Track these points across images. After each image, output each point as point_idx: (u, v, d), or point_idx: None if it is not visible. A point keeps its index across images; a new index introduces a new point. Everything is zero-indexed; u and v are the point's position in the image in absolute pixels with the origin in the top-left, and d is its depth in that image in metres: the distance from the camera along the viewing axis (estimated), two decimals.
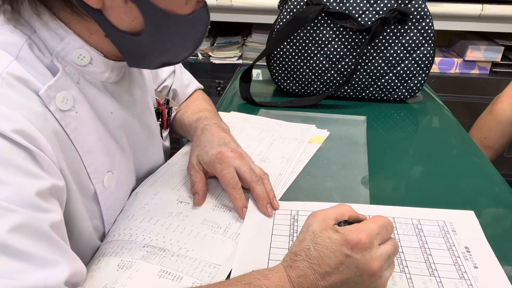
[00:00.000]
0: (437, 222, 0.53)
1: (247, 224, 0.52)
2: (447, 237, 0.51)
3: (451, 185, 0.63)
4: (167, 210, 0.54)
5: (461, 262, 0.47)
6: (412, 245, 0.50)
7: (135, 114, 0.56)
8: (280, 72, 0.93)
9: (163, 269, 0.44)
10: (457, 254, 0.48)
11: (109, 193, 0.50)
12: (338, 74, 0.90)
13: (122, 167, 0.53)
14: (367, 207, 0.56)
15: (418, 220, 0.53)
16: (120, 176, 0.53)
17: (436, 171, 0.67)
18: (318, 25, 0.86)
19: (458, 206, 0.56)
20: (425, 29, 0.84)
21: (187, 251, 0.47)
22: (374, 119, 0.85)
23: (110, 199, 0.51)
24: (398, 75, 0.88)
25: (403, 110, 0.89)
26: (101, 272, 0.44)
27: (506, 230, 0.53)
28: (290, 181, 0.61)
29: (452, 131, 0.80)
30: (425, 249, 0.49)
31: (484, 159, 0.70)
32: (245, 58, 1.65)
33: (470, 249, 0.49)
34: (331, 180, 0.63)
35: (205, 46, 1.65)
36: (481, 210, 0.56)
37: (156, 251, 0.47)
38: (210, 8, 0.51)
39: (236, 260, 0.47)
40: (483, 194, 0.60)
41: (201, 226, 0.51)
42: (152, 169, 0.63)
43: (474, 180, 0.63)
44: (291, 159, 0.67)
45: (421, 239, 0.50)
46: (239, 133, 0.75)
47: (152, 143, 0.62)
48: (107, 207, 0.50)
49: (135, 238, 0.49)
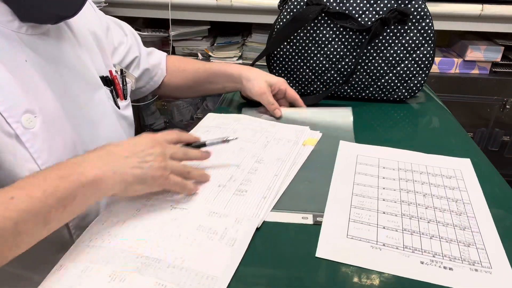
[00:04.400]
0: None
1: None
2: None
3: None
4: (161, 216, 0.53)
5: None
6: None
7: (63, 68, 0.59)
8: (280, 72, 0.93)
9: (159, 282, 0.43)
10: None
11: (33, 135, 0.51)
12: (338, 74, 0.90)
13: (49, 112, 0.54)
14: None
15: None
16: (48, 121, 0.53)
17: None
18: (318, 25, 0.86)
19: None
20: (425, 29, 0.84)
21: (183, 261, 0.46)
22: (374, 119, 0.85)
23: (37, 142, 0.51)
24: (398, 75, 0.88)
25: (403, 110, 0.89)
26: (91, 281, 0.43)
27: (506, 230, 0.53)
28: (286, 184, 0.61)
29: (452, 131, 0.80)
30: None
31: (484, 159, 0.70)
32: (245, 58, 1.65)
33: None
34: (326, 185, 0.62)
35: (205, 46, 1.65)
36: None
37: (151, 262, 0.45)
38: (210, 8, 0.52)
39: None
40: (482, 194, 0.60)
41: (196, 233, 0.50)
42: (98, 128, 0.64)
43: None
44: (286, 161, 0.66)
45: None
46: (232, 134, 0.74)
47: (91, 101, 0.63)
48: (35, 150, 0.51)
49: (128, 247, 0.47)
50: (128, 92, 0.75)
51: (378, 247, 0.48)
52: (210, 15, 1.49)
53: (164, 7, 1.49)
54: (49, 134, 0.53)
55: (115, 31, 0.77)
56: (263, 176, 0.62)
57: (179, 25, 1.59)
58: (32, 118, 0.51)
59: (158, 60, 0.87)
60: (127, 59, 0.80)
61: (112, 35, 0.76)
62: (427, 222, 0.53)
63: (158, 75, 0.87)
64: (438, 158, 0.68)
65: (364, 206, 0.56)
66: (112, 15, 0.79)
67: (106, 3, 1.48)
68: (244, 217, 0.53)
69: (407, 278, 0.45)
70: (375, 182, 0.62)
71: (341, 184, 0.61)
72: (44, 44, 0.56)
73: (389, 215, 0.54)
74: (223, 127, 0.77)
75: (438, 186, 0.61)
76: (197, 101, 1.82)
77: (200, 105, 1.82)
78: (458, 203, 0.57)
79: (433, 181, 0.62)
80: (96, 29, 0.70)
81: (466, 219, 0.54)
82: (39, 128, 0.51)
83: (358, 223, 0.53)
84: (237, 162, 0.65)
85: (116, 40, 0.77)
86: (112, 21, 0.79)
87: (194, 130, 0.77)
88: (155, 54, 0.87)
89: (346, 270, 0.46)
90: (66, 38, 0.61)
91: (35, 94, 0.52)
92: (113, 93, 0.69)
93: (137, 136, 0.55)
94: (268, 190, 0.58)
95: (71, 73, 0.60)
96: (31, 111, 0.51)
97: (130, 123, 0.74)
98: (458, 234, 0.51)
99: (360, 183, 0.61)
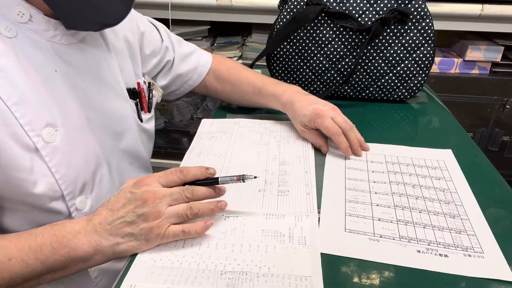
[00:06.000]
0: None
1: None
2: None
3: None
4: (219, 229, 0.52)
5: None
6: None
7: (93, 79, 0.58)
8: (280, 72, 0.93)
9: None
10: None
11: (53, 149, 0.50)
12: (338, 74, 0.90)
13: (72, 125, 0.54)
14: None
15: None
16: (70, 134, 0.53)
17: None
18: (318, 25, 0.86)
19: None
20: (425, 29, 0.84)
21: (268, 268, 0.45)
22: (374, 119, 0.85)
23: (56, 155, 0.51)
24: (398, 75, 0.88)
25: (403, 110, 0.89)
26: None
27: (506, 230, 0.53)
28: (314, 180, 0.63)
29: (452, 131, 0.80)
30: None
31: (484, 159, 0.70)
32: (245, 58, 1.64)
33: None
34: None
35: (205, 46, 1.65)
36: (481, 210, 0.56)
37: (238, 276, 0.44)
38: (210, 8, 0.52)
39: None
40: (483, 194, 0.60)
41: (264, 239, 0.50)
42: (120, 141, 0.64)
43: (474, 180, 0.63)
44: (307, 158, 0.68)
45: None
46: (239, 138, 0.75)
47: (117, 113, 0.63)
48: (54, 164, 0.50)
49: (205, 266, 0.46)
50: (153, 105, 0.74)
51: (376, 239, 0.50)
52: (210, 15, 1.49)
53: (164, 7, 1.49)
54: (70, 147, 0.53)
55: (150, 37, 0.75)
56: (294, 175, 0.63)
57: (179, 25, 1.59)
58: (53, 132, 0.51)
59: (195, 65, 0.83)
60: (159, 66, 0.78)
61: (148, 41, 0.74)
62: (419, 212, 0.55)
63: (193, 80, 0.83)
64: (421, 150, 0.71)
65: (358, 200, 0.57)
66: None
67: None
68: (301, 215, 0.54)
69: (406, 267, 0.46)
70: (365, 176, 0.63)
71: (333, 179, 0.62)
72: (77, 54, 0.55)
73: (383, 207, 0.56)
74: (227, 131, 0.77)
75: (425, 177, 0.63)
76: (197, 101, 1.82)
77: (200, 105, 1.82)
78: (445, 192, 0.60)
79: (420, 172, 0.65)
80: (130, 36, 0.68)
81: (454, 208, 0.57)
82: (59, 142, 0.51)
83: (354, 216, 0.54)
84: (263, 166, 0.66)
85: (149, 48, 0.74)
86: (149, 22, 0.77)
87: (198, 137, 0.75)
88: (193, 57, 0.83)
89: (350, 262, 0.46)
90: (99, 46, 0.60)
91: (60, 106, 0.52)
92: (138, 106, 0.68)
93: (132, 185, 0.49)
94: (307, 187, 0.60)
95: (101, 84, 0.59)
96: (53, 124, 0.51)
97: (150, 136, 0.73)
98: (449, 222, 0.54)
99: (352, 178, 0.63)
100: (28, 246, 0.45)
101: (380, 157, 0.69)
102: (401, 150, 0.71)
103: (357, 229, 0.52)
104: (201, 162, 0.67)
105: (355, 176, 0.63)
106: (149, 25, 0.76)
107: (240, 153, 0.70)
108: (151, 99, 0.73)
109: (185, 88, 0.84)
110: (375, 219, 0.54)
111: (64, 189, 0.52)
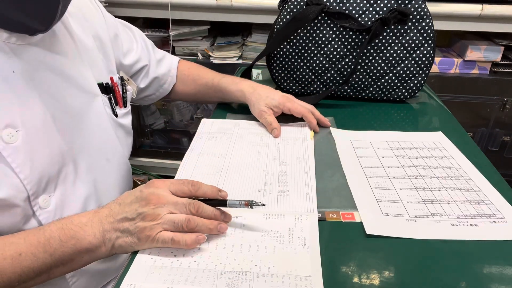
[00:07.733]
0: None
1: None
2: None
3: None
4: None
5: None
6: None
7: (56, 76, 0.57)
8: (280, 72, 0.93)
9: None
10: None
11: (15, 149, 0.50)
12: (338, 74, 0.90)
13: (34, 124, 0.53)
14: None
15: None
16: (32, 134, 0.53)
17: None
18: (318, 25, 0.86)
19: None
20: (425, 29, 0.84)
21: (268, 268, 0.46)
22: (374, 119, 0.85)
23: (19, 156, 0.51)
24: (398, 75, 0.88)
25: (403, 110, 0.89)
26: None
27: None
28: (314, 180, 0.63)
29: (452, 131, 0.80)
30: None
31: (484, 159, 0.70)
32: (245, 58, 1.64)
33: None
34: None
35: (205, 46, 1.65)
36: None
37: (238, 275, 0.45)
38: (210, 8, 0.51)
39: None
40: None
41: (264, 239, 0.50)
42: (91, 137, 0.63)
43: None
44: (307, 158, 0.69)
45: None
46: (239, 139, 0.75)
47: (85, 109, 0.62)
48: (17, 164, 0.51)
49: (205, 266, 0.46)
50: (128, 99, 0.74)
51: (412, 219, 0.54)
52: (210, 15, 1.49)
53: (164, 7, 1.49)
54: (33, 147, 0.53)
55: (125, 37, 0.76)
56: (294, 176, 0.64)
57: (179, 25, 1.59)
58: (13, 133, 0.50)
59: (168, 68, 0.86)
60: (136, 67, 0.80)
61: (122, 41, 0.75)
62: (438, 190, 0.60)
63: (168, 83, 0.86)
64: (415, 134, 0.77)
65: (382, 186, 0.61)
66: (112, 15, 0.78)
67: (106, 3, 1.48)
68: (300, 215, 0.54)
69: (440, 240, 0.51)
70: (378, 162, 0.67)
71: (353, 171, 0.65)
72: (37, 53, 0.55)
73: (406, 191, 0.60)
74: (227, 132, 0.77)
75: (429, 158, 0.69)
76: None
77: (200, 105, 1.82)
78: (452, 169, 0.65)
79: (423, 154, 0.70)
80: (101, 33, 0.69)
81: (465, 182, 0.62)
82: (21, 142, 0.51)
83: (385, 202, 0.58)
84: (263, 167, 0.66)
85: (125, 47, 0.76)
86: (122, 25, 0.78)
87: (198, 137, 0.76)
88: (166, 61, 0.86)
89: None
90: (64, 44, 0.60)
91: (21, 106, 0.52)
92: (112, 101, 0.69)
93: (144, 185, 0.51)
94: (307, 187, 0.61)
95: (64, 81, 0.59)
96: (13, 125, 0.50)
97: (128, 132, 0.73)
98: (466, 195, 0.59)
99: (367, 166, 0.66)
100: (37, 241, 0.47)
101: (383, 143, 0.73)
102: (398, 135, 0.76)
103: (393, 212, 0.55)
104: (201, 162, 0.67)
105: (369, 164, 0.67)
106: (123, 25, 0.78)
107: (240, 153, 0.70)
108: (125, 93, 0.73)
109: (160, 92, 0.87)
110: (404, 202, 0.58)
111: (29, 189, 0.52)
